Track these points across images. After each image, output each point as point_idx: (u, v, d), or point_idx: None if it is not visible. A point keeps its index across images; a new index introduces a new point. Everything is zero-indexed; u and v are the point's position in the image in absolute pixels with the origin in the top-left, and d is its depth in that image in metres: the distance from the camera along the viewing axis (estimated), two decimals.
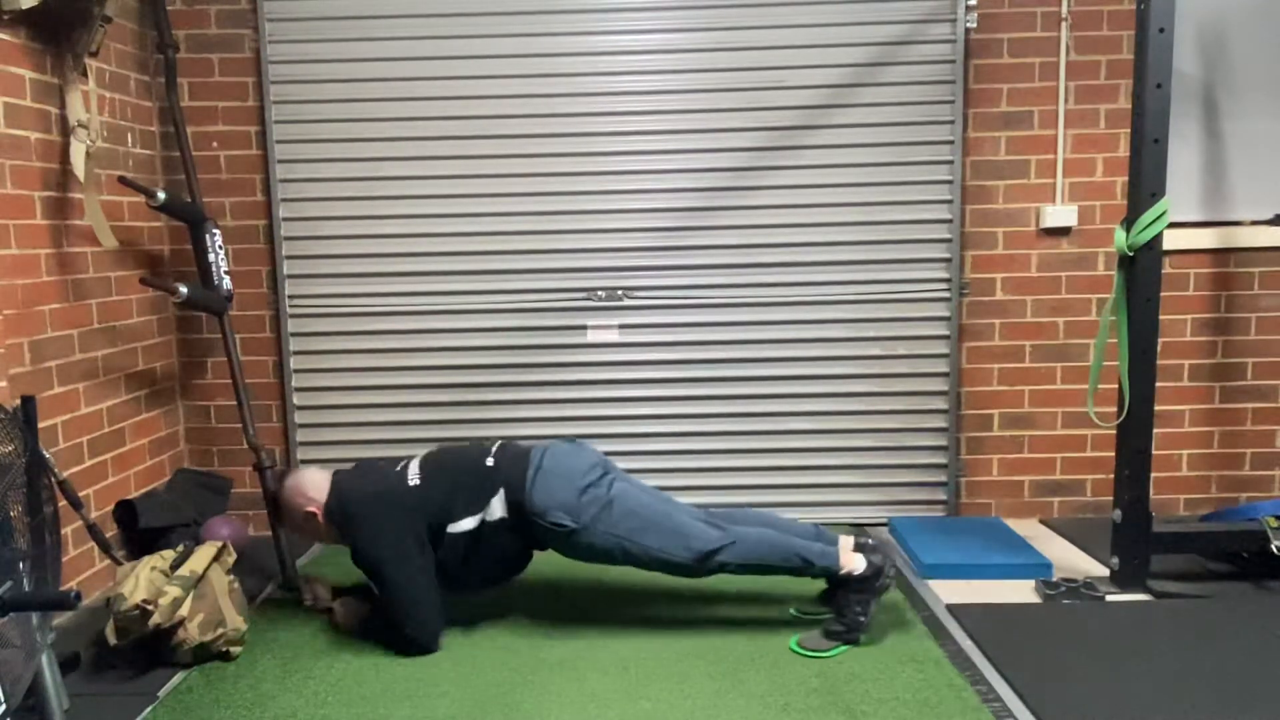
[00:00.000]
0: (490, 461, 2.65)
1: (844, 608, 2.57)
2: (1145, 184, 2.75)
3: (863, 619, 2.56)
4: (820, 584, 2.75)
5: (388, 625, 2.60)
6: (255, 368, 3.57)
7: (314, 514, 2.67)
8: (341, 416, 3.62)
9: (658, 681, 2.39)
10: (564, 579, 3.03)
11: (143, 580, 2.46)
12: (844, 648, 2.54)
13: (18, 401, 2.09)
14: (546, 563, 2.79)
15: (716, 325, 3.55)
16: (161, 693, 2.38)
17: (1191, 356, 3.58)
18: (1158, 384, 2.88)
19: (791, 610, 2.78)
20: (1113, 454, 2.93)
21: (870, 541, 2.64)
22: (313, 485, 2.70)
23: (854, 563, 2.58)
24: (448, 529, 2.59)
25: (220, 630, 2.52)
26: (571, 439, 2.79)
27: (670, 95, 3.46)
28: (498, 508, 2.59)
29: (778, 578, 2.70)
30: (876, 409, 3.58)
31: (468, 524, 2.59)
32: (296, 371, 3.60)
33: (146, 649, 2.49)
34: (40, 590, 1.80)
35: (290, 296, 3.56)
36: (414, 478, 2.65)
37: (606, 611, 2.81)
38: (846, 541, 2.63)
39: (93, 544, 2.88)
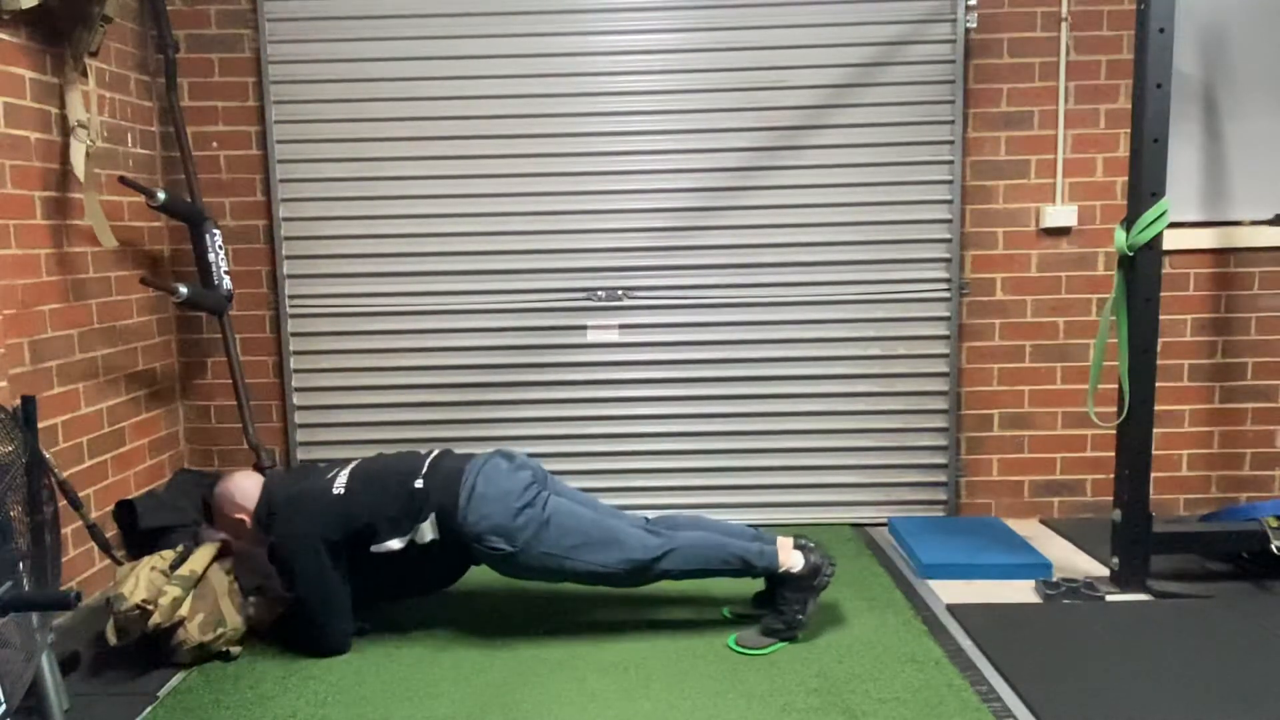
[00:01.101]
0: (419, 483, 2.56)
1: (783, 606, 2.58)
2: (1145, 184, 2.75)
3: (801, 617, 2.57)
4: (756, 584, 2.73)
5: (300, 624, 2.60)
6: (255, 368, 3.57)
7: (243, 520, 2.63)
8: (341, 416, 3.62)
9: (658, 681, 2.39)
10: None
11: (143, 580, 2.46)
12: (781, 645, 2.56)
13: (18, 401, 2.09)
14: None
15: (716, 325, 3.55)
16: (161, 693, 2.39)
17: (1191, 356, 3.58)
18: (1158, 384, 2.88)
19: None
20: (1113, 454, 2.93)
21: (808, 542, 2.64)
22: (242, 493, 2.64)
23: (793, 560, 2.58)
24: (370, 547, 2.54)
25: (220, 630, 2.52)
26: (507, 452, 2.69)
27: (670, 95, 3.46)
28: (428, 531, 2.52)
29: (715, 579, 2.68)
30: (876, 409, 3.58)
31: (394, 544, 2.53)
32: (296, 371, 3.60)
33: (146, 649, 2.49)
34: (40, 590, 1.80)
35: (290, 296, 3.56)
36: (339, 486, 2.58)
37: (606, 611, 2.81)
38: (785, 541, 2.63)
39: (93, 544, 2.88)
